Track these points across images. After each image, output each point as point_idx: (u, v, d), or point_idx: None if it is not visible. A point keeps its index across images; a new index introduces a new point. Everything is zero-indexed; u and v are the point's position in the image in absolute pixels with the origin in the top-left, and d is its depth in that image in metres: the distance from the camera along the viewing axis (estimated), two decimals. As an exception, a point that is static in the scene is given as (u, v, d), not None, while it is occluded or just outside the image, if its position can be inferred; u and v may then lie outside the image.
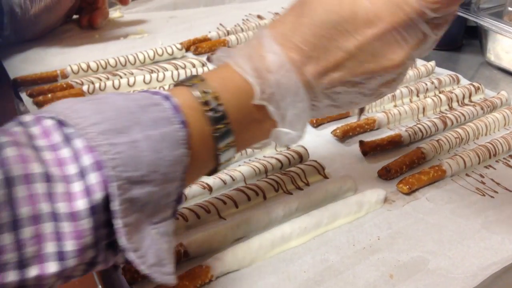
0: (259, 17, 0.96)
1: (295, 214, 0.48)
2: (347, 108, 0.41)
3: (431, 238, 0.46)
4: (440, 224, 0.48)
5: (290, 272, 0.42)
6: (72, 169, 0.29)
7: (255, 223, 0.46)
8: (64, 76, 0.73)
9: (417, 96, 0.68)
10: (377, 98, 0.41)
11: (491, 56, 0.79)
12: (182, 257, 0.43)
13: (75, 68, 0.73)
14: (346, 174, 0.53)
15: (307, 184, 0.53)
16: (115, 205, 0.29)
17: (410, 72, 0.72)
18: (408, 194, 0.52)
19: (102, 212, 0.29)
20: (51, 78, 0.72)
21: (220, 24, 0.92)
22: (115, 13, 0.95)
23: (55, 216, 0.28)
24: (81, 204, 0.28)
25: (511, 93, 0.68)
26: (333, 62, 0.36)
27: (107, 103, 0.31)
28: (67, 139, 0.29)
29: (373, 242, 0.46)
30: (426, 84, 0.69)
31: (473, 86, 0.69)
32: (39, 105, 0.66)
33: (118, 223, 0.29)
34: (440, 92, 0.69)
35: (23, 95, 0.70)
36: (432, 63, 0.75)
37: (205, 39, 0.85)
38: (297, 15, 0.36)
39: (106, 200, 0.29)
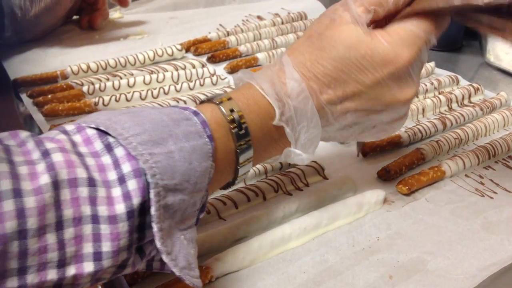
0: (259, 17, 0.96)
1: (295, 215, 0.48)
2: (355, 138, 0.44)
3: (431, 238, 0.46)
4: (439, 224, 0.48)
5: (290, 272, 0.43)
6: (112, 175, 0.30)
7: (255, 224, 0.46)
8: (64, 77, 0.73)
9: (417, 97, 0.68)
10: (382, 135, 0.44)
11: (491, 57, 0.79)
12: (182, 257, 0.43)
13: (75, 69, 0.73)
14: (346, 175, 0.53)
15: (307, 185, 0.53)
16: (153, 210, 0.30)
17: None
18: (407, 195, 0.52)
19: (137, 217, 0.30)
20: (51, 79, 0.73)
21: (220, 25, 0.93)
22: (115, 14, 0.96)
23: (95, 219, 0.29)
24: (120, 208, 0.30)
25: (511, 94, 0.69)
26: (349, 93, 0.39)
27: (144, 116, 0.34)
28: (108, 148, 0.31)
29: (373, 243, 0.46)
30: (426, 85, 0.69)
31: (473, 87, 0.69)
32: (39, 105, 0.66)
33: (154, 227, 0.31)
34: (439, 93, 0.69)
35: (23, 96, 0.70)
36: (432, 64, 0.75)
37: (205, 40, 0.85)
38: (317, 48, 0.39)
39: (141, 206, 0.30)
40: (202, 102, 0.40)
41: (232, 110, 0.37)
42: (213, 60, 0.80)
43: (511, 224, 0.48)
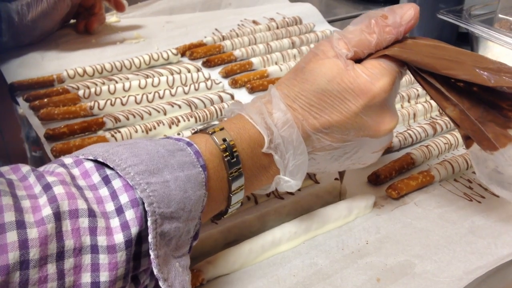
0: (255, 22, 0.97)
1: (286, 219, 0.49)
2: (346, 167, 0.46)
3: (419, 242, 0.47)
4: (427, 228, 0.49)
5: (280, 276, 0.43)
6: (110, 206, 0.32)
7: (247, 228, 0.47)
8: (60, 80, 0.74)
9: (408, 102, 0.69)
10: (368, 163, 0.46)
11: (482, 62, 0.80)
12: (174, 260, 0.44)
13: (71, 72, 0.74)
14: (337, 178, 0.54)
15: (298, 189, 0.54)
16: (150, 238, 0.31)
17: (403, 79, 0.73)
18: (397, 199, 0.53)
19: (134, 246, 0.31)
20: (47, 83, 0.73)
21: (216, 29, 0.94)
22: (112, 18, 0.96)
23: (95, 249, 0.30)
24: (118, 238, 0.31)
25: None
26: (333, 122, 0.41)
27: (140, 147, 0.35)
28: (106, 180, 0.33)
29: (362, 247, 0.47)
30: (418, 90, 0.70)
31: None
32: (35, 109, 0.67)
33: (151, 254, 0.32)
34: (431, 98, 0.70)
35: (20, 100, 0.70)
36: (424, 69, 0.76)
37: (201, 44, 0.86)
38: (301, 81, 0.42)
39: (138, 235, 0.31)
40: (195, 132, 0.42)
41: (224, 140, 0.39)
42: (208, 64, 0.81)
43: (498, 228, 0.49)
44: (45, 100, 0.68)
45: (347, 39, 0.41)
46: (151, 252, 0.31)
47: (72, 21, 0.93)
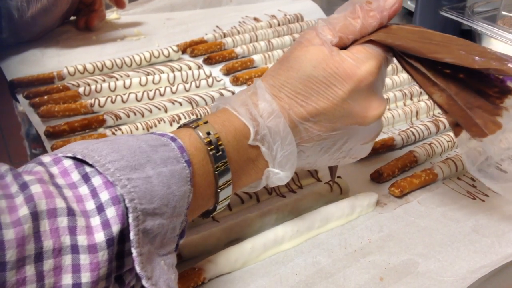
0: (256, 19, 0.96)
1: (288, 217, 0.49)
2: (336, 162, 0.45)
3: (422, 241, 0.47)
4: (431, 227, 0.48)
5: (282, 274, 0.43)
6: (91, 205, 0.31)
7: (248, 226, 0.47)
8: (61, 77, 0.73)
9: (411, 99, 0.69)
10: (359, 156, 0.46)
11: (485, 59, 0.79)
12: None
13: (71, 69, 0.74)
14: (339, 176, 0.53)
15: (300, 187, 0.53)
16: (132, 235, 0.31)
17: (404, 76, 0.73)
18: (399, 197, 0.52)
19: (116, 245, 0.31)
20: (47, 80, 0.73)
21: (217, 26, 0.93)
22: (112, 15, 0.96)
23: (75, 249, 0.29)
24: (99, 236, 0.30)
25: None
26: (320, 109, 0.40)
27: (121, 143, 0.34)
28: (86, 178, 0.32)
29: (365, 245, 0.46)
30: (420, 88, 0.70)
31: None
32: (35, 106, 0.67)
33: (134, 251, 0.31)
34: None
35: (20, 97, 0.70)
36: (426, 66, 0.76)
37: (202, 41, 0.86)
38: (286, 69, 0.41)
39: (121, 233, 0.31)
40: (179, 127, 0.41)
41: (208, 133, 0.38)
42: (209, 61, 0.80)
43: (501, 227, 0.48)
44: (45, 97, 0.67)
45: (332, 25, 0.41)
46: (133, 250, 0.31)
47: (72, 18, 0.93)
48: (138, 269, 0.31)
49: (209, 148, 0.37)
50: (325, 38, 0.41)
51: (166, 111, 0.66)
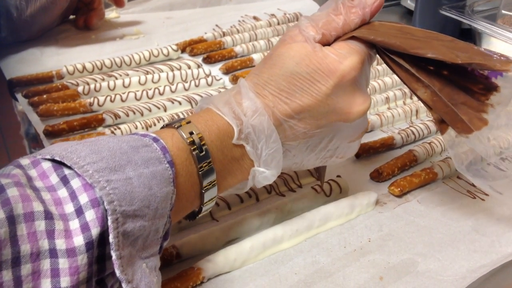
0: (255, 18, 0.96)
1: (287, 216, 0.48)
2: (323, 161, 0.45)
3: (422, 240, 0.46)
4: (430, 226, 0.48)
5: (281, 274, 0.43)
6: (70, 208, 0.30)
7: (248, 225, 0.47)
8: (60, 77, 0.73)
9: (411, 98, 0.69)
10: (346, 156, 0.46)
11: None
12: (174, 258, 0.43)
13: (70, 69, 0.74)
14: (339, 175, 0.53)
15: (300, 186, 0.53)
16: (111, 237, 0.30)
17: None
18: (399, 196, 0.52)
19: (96, 248, 0.30)
20: (46, 79, 0.73)
21: (216, 25, 0.93)
22: (111, 14, 0.96)
23: (53, 253, 0.29)
24: (78, 240, 0.29)
25: None
26: (304, 106, 0.40)
27: (101, 144, 0.33)
28: (64, 180, 0.31)
29: (364, 244, 0.46)
30: (420, 87, 0.69)
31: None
32: (34, 105, 0.66)
33: (113, 254, 0.30)
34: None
35: (19, 96, 0.70)
36: (426, 65, 0.76)
37: (201, 40, 0.86)
38: (269, 66, 0.41)
39: (100, 236, 0.30)
40: (162, 127, 0.40)
41: (191, 133, 0.37)
42: (208, 60, 0.80)
43: (501, 226, 0.48)
44: (44, 96, 0.67)
45: (315, 22, 0.41)
46: (112, 253, 0.30)
47: (71, 16, 0.92)
48: (118, 272, 0.30)
49: (192, 148, 0.37)
50: (308, 35, 0.41)
51: (165, 110, 0.66)
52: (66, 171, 0.31)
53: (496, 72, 0.41)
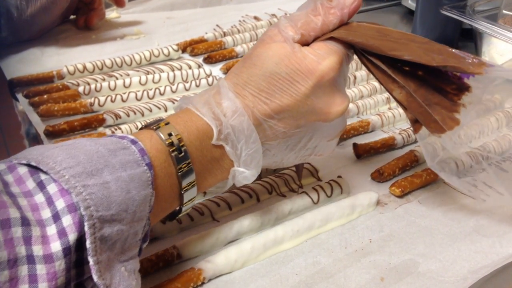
0: (256, 18, 0.96)
1: (288, 217, 0.48)
2: (303, 159, 0.45)
3: (423, 241, 0.46)
4: (431, 227, 0.48)
5: (282, 274, 0.43)
6: (47, 213, 0.30)
7: (248, 226, 0.47)
8: (60, 77, 0.73)
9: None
10: (325, 154, 0.46)
11: (486, 58, 0.79)
12: (175, 259, 0.43)
13: (71, 69, 0.73)
14: (340, 176, 0.53)
15: (301, 186, 0.53)
16: (88, 243, 0.30)
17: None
18: (400, 196, 0.52)
19: (74, 253, 0.30)
20: (47, 79, 0.73)
21: (217, 25, 0.93)
22: (112, 14, 0.96)
23: (31, 259, 0.29)
24: (55, 246, 0.29)
25: (505, 96, 0.69)
26: (284, 106, 0.40)
27: (78, 148, 0.33)
28: (41, 185, 0.31)
29: (365, 245, 0.46)
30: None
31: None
32: (35, 106, 0.66)
33: (90, 260, 0.30)
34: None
35: (19, 96, 0.70)
36: (427, 65, 0.75)
37: (202, 40, 0.86)
38: (249, 67, 0.41)
39: (78, 241, 0.30)
40: (141, 129, 0.40)
41: (170, 134, 0.37)
42: (209, 60, 0.80)
43: (503, 227, 0.48)
44: (45, 96, 0.67)
45: (294, 22, 0.41)
46: (89, 259, 0.30)
47: (72, 16, 0.92)
48: (95, 277, 0.30)
49: (171, 150, 0.37)
50: (287, 35, 0.41)
51: (166, 111, 0.66)
52: (43, 176, 0.31)
53: (476, 74, 0.41)
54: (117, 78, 0.72)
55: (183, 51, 0.83)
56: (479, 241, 0.46)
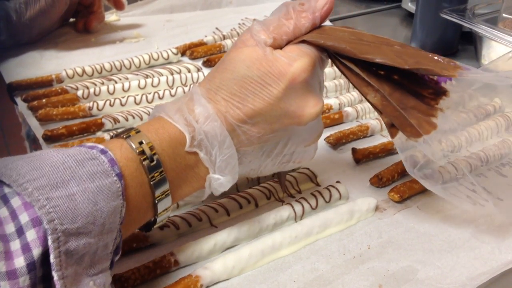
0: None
1: (286, 223, 0.48)
2: (281, 167, 0.45)
3: (421, 247, 0.46)
4: (430, 233, 0.48)
5: (280, 281, 0.43)
6: (10, 228, 0.29)
7: (246, 232, 0.46)
8: (59, 80, 0.73)
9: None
10: (304, 160, 0.46)
11: (486, 62, 0.79)
12: (172, 265, 0.43)
13: (70, 72, 0.73)
14: (338, 181, 0.53)
15: (299, 192, 0.53)
16: (52, 258, 0.29)
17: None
18: (399, 202, 0.52)
19: (39, 268, 0.29)
20: (46, 83, 0.73)
21: (216, 28, 0.93)
22: (111, 16, 0.96)
23: None
24: (19, 262, 0.28)
25: (505, 100, 0.69)
26: (257, 110, 0.40)
27: (43, 159, 0.32)
28: (4, 199, 0.30)
29: (364, 251, 0.46)
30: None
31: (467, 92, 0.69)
32: (34, 110, 0.66)
33: (54, 275, 0.29)
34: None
35: (18, 100, 0.70)
36: (427, 69, 0.75)
37: (201, 44, 0.86)
38: (221, 71, 0.41)
39: (44, 255, 0.29)
40: (112, 137, 0.39)
41: (141, 143, 0.37)
42: (208, 64, 0.80)
43: (502, 233, 0.48)
44: (44, 100, 0.67)
45: (266, 26, 0.41)
46: (54, 274, 0.29)
47: (71, 19, 0.92)
48: None
49: (142, 158, 0.36)
50: (259, 39, 0.41)
51: (164, 115, 0.65)
52: (6, 190, 0.31)
53: (446, 77, 0.41)
54: (116, 82, 0.72)
55: (183, 54, 0.83)
56: (478, 248, 0.46)
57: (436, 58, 0.42)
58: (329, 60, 0.44)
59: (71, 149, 0.35)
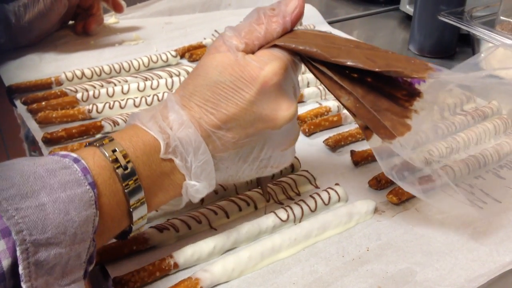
0: (254, 23, 0.96)
1: (286, 225, 0.48)
2: (259, 172, 0.45)
3: (420, 249, 0.46)
4: (429, 235, 0.48)
5: (279, 284, 0.43)
6: None
7: (246, 234, 0.47)
8: (59, 83, 0.73)
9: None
10: (281, 166, 0.46)
11: (483, 65, 0.79)
12: (172, 268, 0.43)
13: (69, 75, 0.74)
14: (337, 184, 0.53)
15: (298, 194, 0.53)
16: (20, 269, 0.29)
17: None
18: (398, 204, 0.52)
19: (9, 279, 0.29)
20: (45, 86, 0.73)
21: (215, 31, 0.93)
22: (111, 19, 0.96)
23: None
24: None
25: (502, 102, 0.69)
26: (231, 115, 0.40)
27: (14, 169, 0.32)
28: None
29: (362, 254, 0.46)
30: (418, 93, 0.69)
31: (465, 95, 0.69)
32: (33, 113, 0.66)
33: (23, 286, 0.29)
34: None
35: (17, 102, 0.70)
36: (425, 71, 0.76)
37: (200, 46, 0.86)
38: (194, 78, 0.41)
39: (14, 265, 0.29)
40: (85, 146, 0.39)
41: (114, 150, 0.37)
42: (207, 66, 0.80)
43: (500, 235, 0.48)
44: (43, 103, 0.67)
45: (237, 32, 0.42)
46: (23, 285, 0.29)
47: (70, 22, 0.93)
48: None
49: (115, 166, 0.36)
50: (231, 44, 0.41)
51: (164, 117, 0.66)
52: None
53: (419, 79, 0.41)
54: (115, 85, 0.72)
55: (182, 56, 0.84)
56: (476, 250, 0.46)
57: (407, 59, 0.42)
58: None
59: (43, 158, 0.34)
